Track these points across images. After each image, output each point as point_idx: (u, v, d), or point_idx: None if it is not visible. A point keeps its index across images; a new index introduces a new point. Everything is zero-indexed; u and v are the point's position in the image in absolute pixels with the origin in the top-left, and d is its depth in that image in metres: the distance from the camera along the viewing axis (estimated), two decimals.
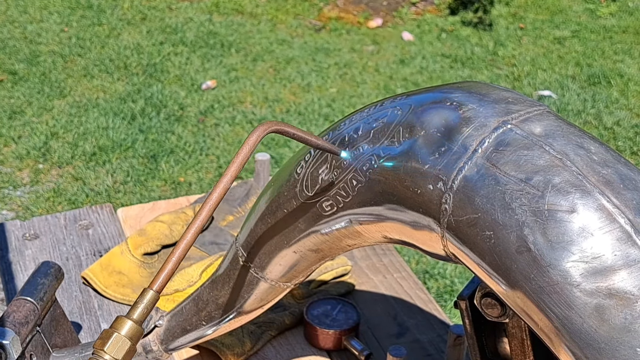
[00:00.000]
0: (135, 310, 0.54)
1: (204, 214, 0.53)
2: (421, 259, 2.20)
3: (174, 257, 0.53)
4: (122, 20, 3.86)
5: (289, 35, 3.83)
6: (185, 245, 0.53)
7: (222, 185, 0.53)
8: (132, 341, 0.53)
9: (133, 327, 0.53)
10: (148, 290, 0.54)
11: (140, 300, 0.54)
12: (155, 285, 0.53)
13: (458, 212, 0.51)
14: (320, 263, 0.69)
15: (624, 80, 3.40)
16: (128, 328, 0.53)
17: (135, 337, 0.54)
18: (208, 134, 2.85)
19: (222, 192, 0.54)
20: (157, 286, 0.53)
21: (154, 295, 0.53)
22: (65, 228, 1.24)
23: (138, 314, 0.54)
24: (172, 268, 0.53)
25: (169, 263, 0.53)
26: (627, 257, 0.45)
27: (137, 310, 0.54)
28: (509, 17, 4.13)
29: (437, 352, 1.04)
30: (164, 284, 0.53)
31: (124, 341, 0.53)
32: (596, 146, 0.50)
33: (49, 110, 2.97)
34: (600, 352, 0.45)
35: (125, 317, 0.54)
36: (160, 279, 0.53)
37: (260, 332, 1.03)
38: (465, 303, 0.65)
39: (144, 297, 0.54)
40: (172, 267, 0.53)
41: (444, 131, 0.53)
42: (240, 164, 0.53)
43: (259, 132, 0.54)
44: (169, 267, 0.53)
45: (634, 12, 4.20)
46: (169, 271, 0.53)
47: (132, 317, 0.53)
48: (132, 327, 0.53)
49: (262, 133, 0.54)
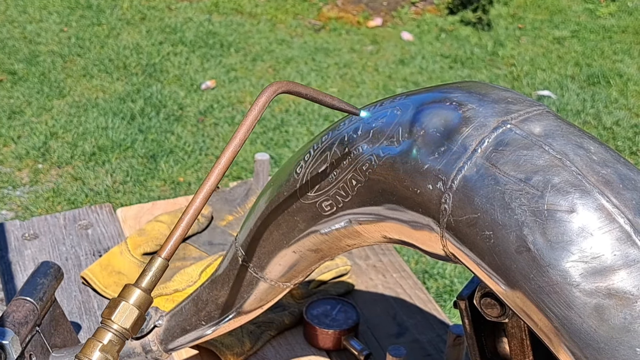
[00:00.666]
0: (143, 278, 0.52)
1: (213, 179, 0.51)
2: (421, 258, 2.20)
3: (183, 223, 0.51)
4: (122, 20, 3.86)
5: (289, 35, 3.83)
6: (194, 210, 0.51)
7: (232, 148, 0.51)
8: (141, 309, 0.52)
9: (141, 296, 0.52)
10: (157, 258, 0.52)
11: (149, 268, 0.52)
12: (164, 252, 0.52)
13: (457, 212, 0.51)
14: (319, 263, 0.69)
15: (623, 80, 3.40)
16: (137, 296, 0.52)
17: (144, 305, 0.52)
18: (207, 133, 2.85)
19: (232, 155, 0.51)
20: (166, 253, 0.52)
21: (162, 262, 0.52)
22: (65, 228, 1.24)
23: (147, 282, 0.52)
24: (182, 234, 0.51)
25: (178, 229, 0.51)
26: (626, 257, 0.45)
27: (146, 279, 0.52)
28: (508, 17, 4.13)
29: (437, 352, 1.04)
30: (173, 250, 0.52)
31: (132, 309, 0.52)
32: (596, 146, 0.50)
33: (48, 110, 2.97)
34: (600, 352, 0.45)
35: (133, 286, 0.52)
36: (169, 246, 0.52)
37: (260, 332, 1.03)
38: (464, 303, 0.65)
39: (153, 265, 0.52)
40: (181, 232, 0.51)
41: (443, 131, 0.53)
42: (249, 127, 0.51)
43: (268, 93, 0.51)
44: (178, 233, 0.51)
45: (633, 12, 4.20)
46: (179, 237, 0.51)
47: (140, 286, 0.52)
48: (140, 296, 0.52)
49: (271, 94, 0.51)
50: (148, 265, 0.52)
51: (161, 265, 0.52)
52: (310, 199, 0.63)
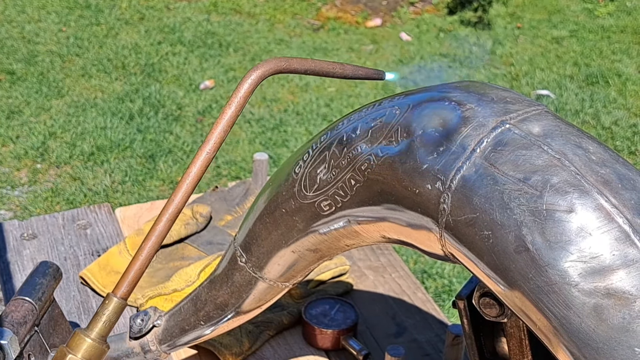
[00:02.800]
0: (96, 324, 0.43)
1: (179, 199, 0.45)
2: (419, 258, 2.20)
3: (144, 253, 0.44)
4: (120, 20, 3.86)
5: (287, 35, 3.83)
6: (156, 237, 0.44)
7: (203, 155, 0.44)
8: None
9: (91, 347, 0.43)
10: (111, 298, 0.42)
11: (102, 312, 0.43)
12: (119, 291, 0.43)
13: (456, 212, 0.51)
14: (318, 263, 0.69)
15: (621, 80, 3.40)
16: (85, 348, 0.43)
17: (94, 358, 0.43)
18: (206, 133, 2.85)
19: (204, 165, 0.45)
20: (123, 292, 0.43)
21: (118, 303, 0.43)
22: (64, 228, 1.24)
23: (99, 329, 0.43)
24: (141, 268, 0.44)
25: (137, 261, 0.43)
26: (625, 257, 0.45)
27: (99, 324, 0.43)
28: (506, 17, 4.14)
29: (435, 351, 1.04)
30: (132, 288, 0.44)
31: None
32: (594, 146, 0.50)
33: (47, 110, 2.97)
34: (599, 351, 0.45)
35: (82, 334, 0.43)
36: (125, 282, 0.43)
37: (259, 331, 1.03)
38: (463, 303, 0.65)
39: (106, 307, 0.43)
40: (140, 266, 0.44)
41: (442, 131, 0.53)
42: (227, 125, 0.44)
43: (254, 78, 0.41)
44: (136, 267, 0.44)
45: (631, 11, 4.21)
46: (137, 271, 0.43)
47: (90, 335, 0.43)
48: (89, 347, 0.43)
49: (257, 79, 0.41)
50: (101, 307, 0.43)
51: (117, 306, 0.43)
52: (309, 198, 0.63)
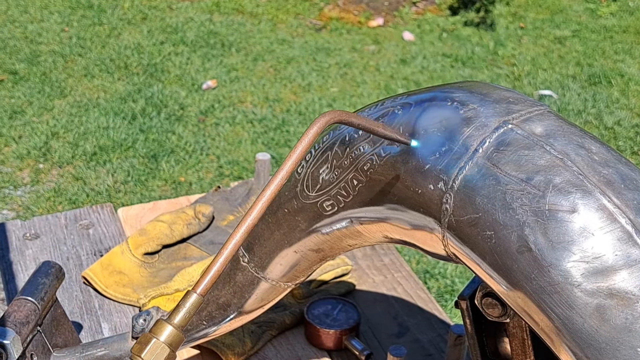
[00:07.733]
0: (177, 314, 0.50)
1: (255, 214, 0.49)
2: (422, 258, 2.20)
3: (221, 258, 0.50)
4: (123, 20, 3.86)
5: (290, 35, 3.83)
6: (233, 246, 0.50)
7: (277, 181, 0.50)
8: (172, 347, 0.50)
9: (173, 333, 0.50)
10: (191, 293, 0.50)
11: (183, 304, 0.50)
12: (199, 288, 0.49)
13: (459, 212, 0.51)
14: (321, 263, 0.69)
15: (624, 80, 3.40)
16: (168, 334, 0.50)
17: (175, 344, 0.50)
18: (208, 133, 2.85)
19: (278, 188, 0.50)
20: (202, 289, 0.49)
21: (197, 298, 0.50)
22: (66, 228, 1.24)
23: (179, 319, 0.50)
24: (219, 269, 0.50)
25: (214, 264, 0.50)
26: (628, 257, 0.45)
27: (179, 315, 0.50)
28: (509, 17, 4.13)
29: (438, 352, 1.04)
30: (209, 286, 0.50)
31: (163, 348, 0.50)
32: (597, 146, 0.50)
33: (49, 110, 2.97)
34: (601, 352, 0.45)
35: (165, 321, 0.50)
36: (205, 281, 0.49)
37: (261, 331, 1.03)
38: (466, 303, 0.65)
39: (187, 300, 0.50)
40: (218, 268, 0.50)
41: (444, 131, 0.53)
42: (299, 157, 0.50)
43: (320, 123, 0.50)
44: (214, 269, 0.50)
45: (634, 11, 4.20)
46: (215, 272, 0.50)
47: (172, 322, 0.50)
48: (172, 333, 0.50)
49: (324, 124, 0.50)
50: (182, 300, 0.50)
51: (196, 301, 0.50)
52: (312, 198, 0.63)
